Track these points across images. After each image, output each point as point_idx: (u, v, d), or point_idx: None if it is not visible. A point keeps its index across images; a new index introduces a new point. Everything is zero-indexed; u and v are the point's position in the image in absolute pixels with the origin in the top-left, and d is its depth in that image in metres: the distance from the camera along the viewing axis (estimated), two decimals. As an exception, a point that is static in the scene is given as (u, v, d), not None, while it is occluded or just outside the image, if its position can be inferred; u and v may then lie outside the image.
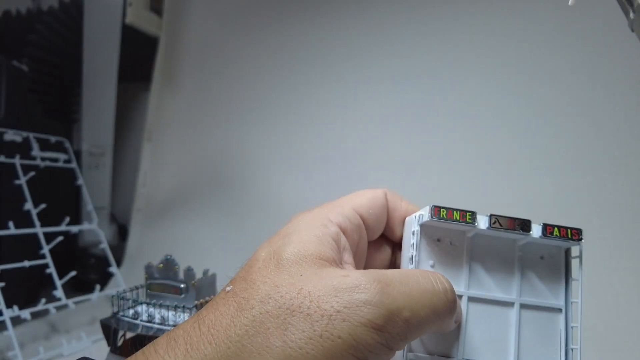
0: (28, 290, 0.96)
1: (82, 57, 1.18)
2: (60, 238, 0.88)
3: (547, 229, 0.31)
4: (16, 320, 0.77)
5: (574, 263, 0.33)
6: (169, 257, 0.64)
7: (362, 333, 0.21)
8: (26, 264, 0.82)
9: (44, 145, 1.00)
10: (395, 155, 0.98)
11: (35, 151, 0.96)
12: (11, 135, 0.93)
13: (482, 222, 0.32)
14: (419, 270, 0.27)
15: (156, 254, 0.70)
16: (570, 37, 0.86)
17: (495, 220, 0.31)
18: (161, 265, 0.64)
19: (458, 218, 0.31)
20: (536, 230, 0.32)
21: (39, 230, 0.87)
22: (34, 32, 1.17)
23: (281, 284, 0.22)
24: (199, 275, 0.63)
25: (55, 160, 1.02)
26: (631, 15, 0.19)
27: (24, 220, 0.87)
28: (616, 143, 0.80)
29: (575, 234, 0.31)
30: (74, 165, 1.05)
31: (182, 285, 0.62)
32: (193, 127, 1.24)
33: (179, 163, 1.25)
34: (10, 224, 0.81)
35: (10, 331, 0.72)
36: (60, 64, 1.21)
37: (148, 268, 0.65)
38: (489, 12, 0.93)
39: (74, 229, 0.96)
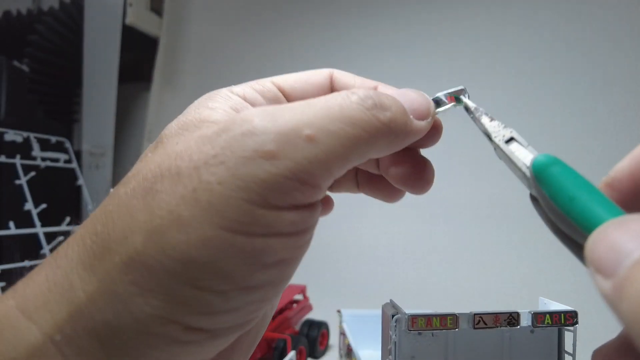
0: (28, 290, 0.96)
1: (83, 57, 1.18)
2: (60, 238, 0.88)
3: (537, 318, 0.30)
4: (17, 320, 0.77)
5: (568, 335, 0.31)
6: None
7: (250, 168, 0.16)
8: (26, 263, 0.82)
9: (45, 146, 1.00)
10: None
11: (36, 151, 0.97)
12: (12, 136, 0.93)
13: (465, 322, 0.30)
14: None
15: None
16: (569, 39, 0.86)
17: (479, 320, 0.29)
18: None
19: (438, 325, 0.29)
20: (525, 320, 0.30)
21: (40, 230, 0.87)
22: (35, 33, 1.17)
23: (153, 158, 0.18)
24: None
25: (56, 160, 1.02)
26: (493, 147, 0.21)
27: (25, 220, 0.87)
28: (614, 144, 0.80)
29: (569, 318, 0.29)
30: (74, 165, 1.05)
31: None
32: (193, 127, 1.24)
33: (179, 163, 1.25)
34: (11, 224, 0.82)
35: (11, 331, 0.72)
36: (60, 65, 1.21)
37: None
38: (488, 15, 0.93)
39: (75, 229, 0.96)
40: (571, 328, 0.30)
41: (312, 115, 0.17)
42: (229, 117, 0.19)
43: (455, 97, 0.23)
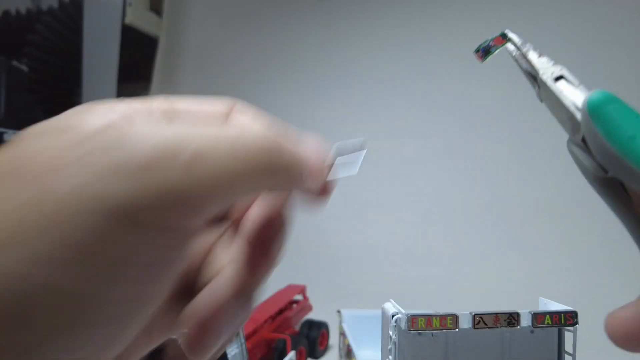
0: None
1: (82, 57, 1.18)
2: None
3: (537, 318, 0.29)
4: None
5: (568, 336, 0.31)
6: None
7: (110, 181, 0.13)
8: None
9: (44, 146, 1.00)
10: (395, 154, 0.98)
11: (35, 151, 0.96)
12: (11, 136, 0.93)
13: (465, 322, 0.29)
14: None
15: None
16: (568, 40, 0.86)
17: (479, 320, 0.29)
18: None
19: (438, 325, 0.29)
20: (525, 320, 0.30)
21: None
22: (34, 33, 1.17)
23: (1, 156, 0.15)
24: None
25: (55, 160, 1.02)
26: (537, 89, 0.19)
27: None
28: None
29: (569, 318, 0.29)
30: (73, 165, 1.04)
31: None
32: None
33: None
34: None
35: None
36: (60, 64, 1.21)
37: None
38: (488, 16, 0.93)
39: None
40: (571, 328, 0.29)
41: (200, 136, 0.15)
42: (101, 124, 0.16)
43: (502, 35, 0.21)
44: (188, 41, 1.26)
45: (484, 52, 0.21)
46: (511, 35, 0.21)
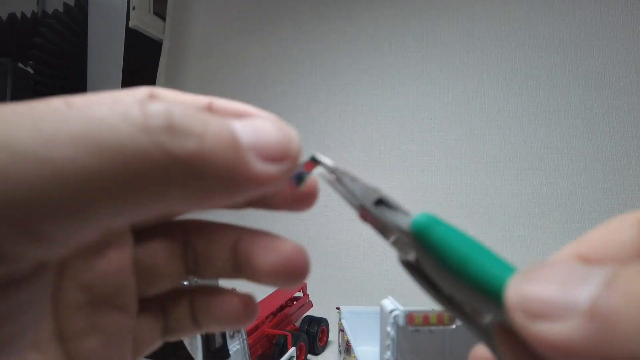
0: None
1: (87, 59, 1.19)
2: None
3: None
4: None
5: None
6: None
7: None
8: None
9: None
10: (394, 153, 0.99)
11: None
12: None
13: None
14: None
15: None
16: (567, 41, 0.88)
17: None
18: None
19: (435, 321, 0.29)
20: None
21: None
22: (39, 35, 1.18)
23: None
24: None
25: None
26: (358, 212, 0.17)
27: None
28: (610, 144, 0.82)
29: None
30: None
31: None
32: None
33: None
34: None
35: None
36: (65, 67, 1.22)
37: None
38: (488, 17, 0.94)
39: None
40: None
41: (51, 127, 0.11)
42: None
43: (312, 159, 0.18)
44: (192, 44, 1.27)
45: (297, 179, 0.17)
46: (321, 158, 0.18)
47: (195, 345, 0.47)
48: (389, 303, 0.34)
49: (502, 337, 0.13)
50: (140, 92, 0.13)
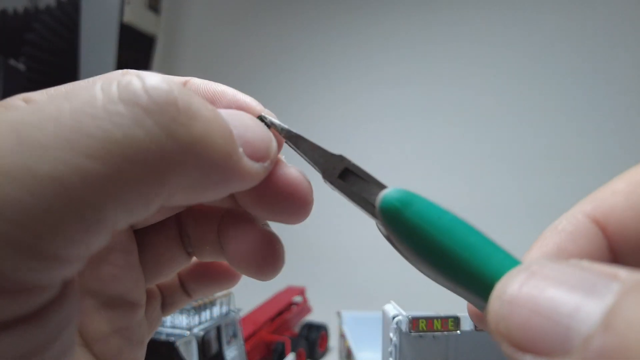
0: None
1: (80, 55, 1.17)
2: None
3: None
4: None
5: None
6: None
7: None
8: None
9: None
10: (397, 153, 0.97)
11: (32, 151, 0.96)
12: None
13: (467, 324, 0.29)
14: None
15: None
16: (568, 42, 0.86)
17: None
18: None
19: (439, 327, 0.29)
20: None
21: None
22: (31, 31, 1.16)
23: None
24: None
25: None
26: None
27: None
28: (616, 144, 0.80)
29: None
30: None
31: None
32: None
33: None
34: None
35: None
36: (57, 63, 1.21)
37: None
38: (492, 16, 0.93)
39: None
40: None
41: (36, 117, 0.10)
42: None
43: (260, 119, 0.16)
44: (186, 40, 1.26)
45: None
46: (270, 118, 0.16)
47: (191, 352, 0.46)
48: (391, 308, 0.33)
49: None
50: (117, 74, 0.13)
